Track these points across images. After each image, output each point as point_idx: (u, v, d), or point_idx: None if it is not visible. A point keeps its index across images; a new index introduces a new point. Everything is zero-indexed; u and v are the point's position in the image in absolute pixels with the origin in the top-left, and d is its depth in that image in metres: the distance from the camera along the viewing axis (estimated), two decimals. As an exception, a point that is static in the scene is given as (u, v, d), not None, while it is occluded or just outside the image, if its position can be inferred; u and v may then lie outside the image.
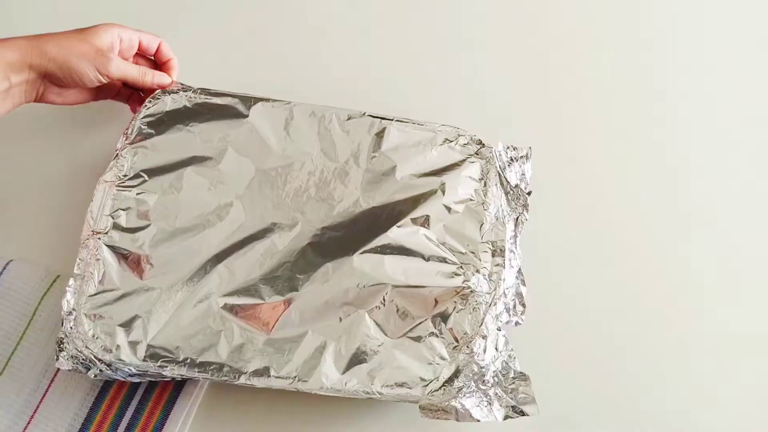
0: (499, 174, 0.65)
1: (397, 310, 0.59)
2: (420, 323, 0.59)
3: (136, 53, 0.67)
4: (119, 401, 0.60)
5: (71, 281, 0.58)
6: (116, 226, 0.61)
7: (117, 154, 0.63)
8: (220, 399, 0.61)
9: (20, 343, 0.61)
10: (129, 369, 0.57)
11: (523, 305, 0.61)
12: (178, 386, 0.61)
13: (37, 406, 0.60)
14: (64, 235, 0.66)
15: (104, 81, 0.63)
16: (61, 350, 0.57)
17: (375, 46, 0.79)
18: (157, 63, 0.69)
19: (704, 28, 0.82)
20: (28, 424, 0.59)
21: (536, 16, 0.82)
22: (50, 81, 0.62)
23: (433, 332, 0.59)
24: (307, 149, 0.65)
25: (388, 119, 0.67)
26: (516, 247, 0.63)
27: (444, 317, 0.59)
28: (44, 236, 0.67)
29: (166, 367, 0.56)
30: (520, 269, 0.63)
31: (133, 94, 0.69)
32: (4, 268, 0.64)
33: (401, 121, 0.67)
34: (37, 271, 0.64)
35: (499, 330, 0.59)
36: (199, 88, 0.67)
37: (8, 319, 0.62)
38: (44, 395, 0.60)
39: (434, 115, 0.69)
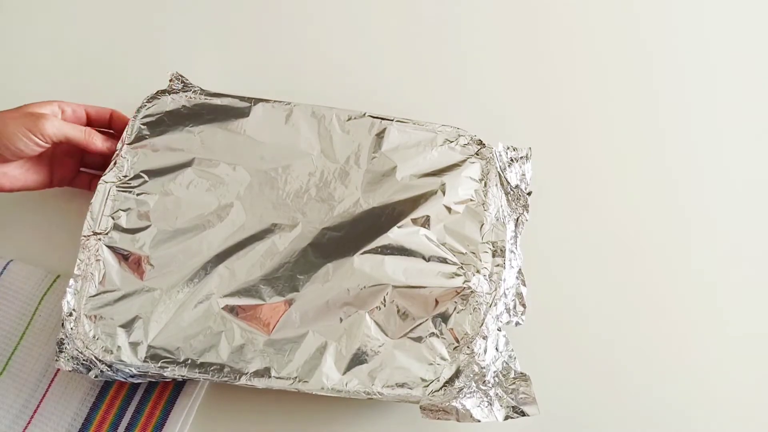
0: (499, 174, 0.65)
1: (398, 311, 0.59)
2: (420, 324, 0.59)
3: (93, 127, 0.64)
4: (119, 401, 0.60)
5: (71, 282, 0.58)
6: (116, 227, 0.61)
7: (117, 154, 0.63)
8: (220, 399, 0.61)
9: (20, 343, 0.61)
10: (130, 370, 0.57)
11: (524, 305, 0.61)
12: (178, 386, 0.61)
13: (37, 406, 0.60)
14: (64, 235, 0.66)
15: (42, 143, 0.59)
16: (61, 351, 0.57)
17: (375, 47, 0.79)
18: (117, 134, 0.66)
19: (704, 29, 0.82)
20: (28, 424, 0.59)
21: (536, 16, 0.82)
22: None
23: (433, 332, 0.59)
24: (307, 150, 0.65)
25: (389, 119, 0.67)
26: (516, 248, 0.63)
27: (444, 318, 0.59)
28: (44, 236, 0.67)
29: (167, 367, 0.56)
30: (520, 269, 0.63)
31: (94, 178, 0.66)
32: (4, 268, 0.64)
33: (401, 122, 0.67)
34: (37, 271, 0.64)
35: (500, 330, 0.59)
36: (198, 88, 0.67)
37: (8, 319, 0.62)
38: (44, 395, 0.60)
39: (434, 115, 0.69)
